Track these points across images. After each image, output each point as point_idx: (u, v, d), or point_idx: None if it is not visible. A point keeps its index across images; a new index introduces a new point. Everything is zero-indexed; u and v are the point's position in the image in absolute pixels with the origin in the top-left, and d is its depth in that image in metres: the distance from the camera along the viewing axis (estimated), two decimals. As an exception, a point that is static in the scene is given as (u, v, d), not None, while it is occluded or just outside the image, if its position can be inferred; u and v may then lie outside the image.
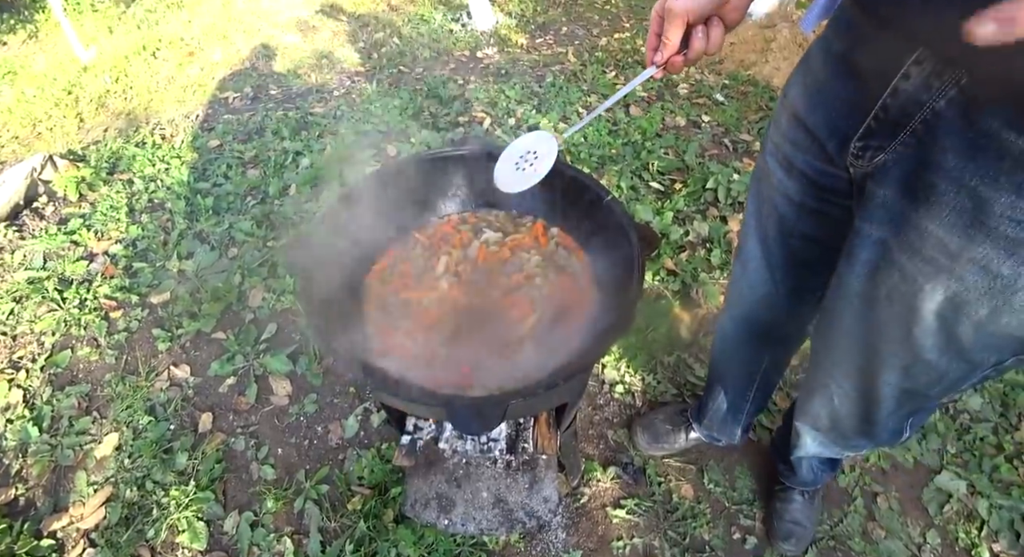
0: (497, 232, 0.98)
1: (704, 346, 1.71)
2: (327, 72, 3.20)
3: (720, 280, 1.90)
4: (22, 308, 1.94)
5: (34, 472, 1.54)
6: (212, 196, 2.28)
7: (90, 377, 1.74)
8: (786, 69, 3.18)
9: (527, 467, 1.05)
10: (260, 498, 1.44)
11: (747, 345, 1.11)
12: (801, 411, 0.98)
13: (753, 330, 1.07)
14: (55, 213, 2.34)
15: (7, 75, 3.60)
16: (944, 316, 0.60)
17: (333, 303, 0.80)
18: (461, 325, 0.83)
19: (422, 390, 0.70)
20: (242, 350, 1.73)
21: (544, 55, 3.27)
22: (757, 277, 0.94)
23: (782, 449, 1.27)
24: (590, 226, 0.91)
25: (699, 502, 1.41)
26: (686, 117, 2.72)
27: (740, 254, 0.98)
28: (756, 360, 1.13)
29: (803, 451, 1.08)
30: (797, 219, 0.80)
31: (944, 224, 0.54)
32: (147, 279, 1.97)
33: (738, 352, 1.15)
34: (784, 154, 0.76)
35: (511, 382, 0.74)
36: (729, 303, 1.10)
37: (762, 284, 0.94)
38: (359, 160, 2.41)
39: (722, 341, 1.17)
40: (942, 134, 0.52)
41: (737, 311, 1.06)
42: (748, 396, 1.22)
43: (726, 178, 2.21)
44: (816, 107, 0.69)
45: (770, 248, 0.88)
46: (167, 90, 3.16)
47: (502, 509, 1.02)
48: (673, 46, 0.66)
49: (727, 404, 1.25)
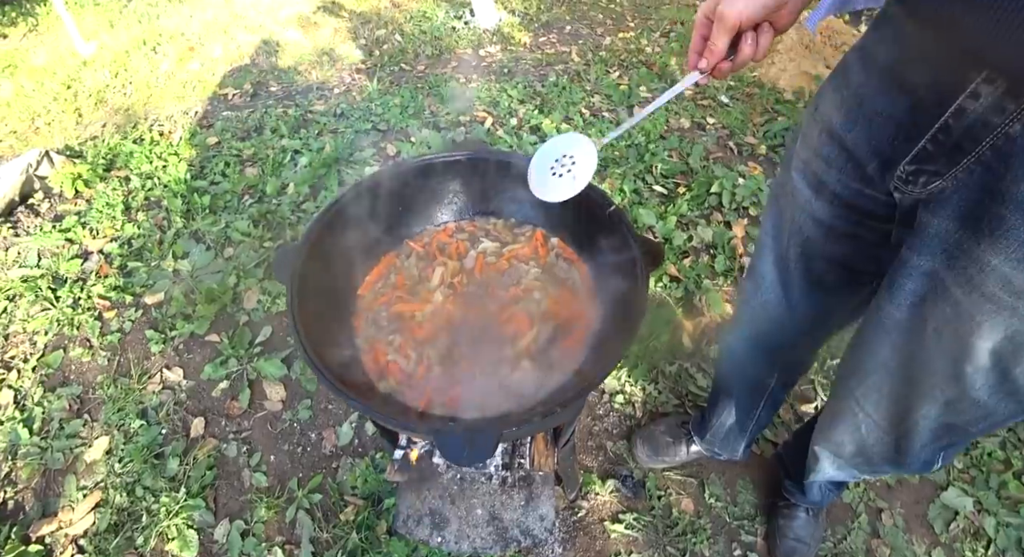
0: (495, 242, 0.95)
1: (707, 355, 1.67)
2: (328, 69, 3.16)
3: (724, 287, 1.87)
4: (15, 306, 1.91)
5: (24, 475, 1.52)
6: (209, 194, 2.25)
7: (82, 379, 1.71)
8: (792, 71, 3.14)
9: (523, 484, 1.02)
10: (252, 506, 1.41)
11: (756, 364, 1.08)
12: (822, 436, 0.93)
13: (763, 350, 1.03)
14: (50, 210, 2.31)
15: (7, 69, 3.57)
16: (1000, 355, 0.56)
17: (323, 316, 0.76)
18: (455, 341, 0.80)
19: (408, 414, 0.67)
20: (236, 353, 1.70)
21: (547, 54, 3.22)
22: (771, 298, 0.90)
23: (791, 468, 1.23)
24: (592, 237, 0.87)
25: (699, 517, 1.38)
26: (691, 119, 2.68)
27: (753, 273, 0.94)
28: (764, 379, 1.10)
29: (820, 475, 1.03)
30: (824, 241, 0.75)
31: (1011, 260, 0.49)
32: (142, 279, 1.94)
33: (746, 370, 1.11)
34: (814, 172, 0.71)
35: (506, 402, 0.71)
36: (738, 321, 1.06)
37: (776, 306, 0.90)
38: (358, 160, 2.38)
39: (730, 359, 1.14)
40: (1016, 162, 0.47)
41: (747, 331, 1.03)
42: (754, 414, 1.19)
43: (731, 182, 2.18)
44: (855, 124, 0.63)
45: (789, 270, 0.83)
46: (166, 86, 3.13)
47: (497, 527, 0.99)
48: (720, 52, 0.63)
49: (732, 421, 1.22)
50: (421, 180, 0.94)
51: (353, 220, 0.86)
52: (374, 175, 0.89)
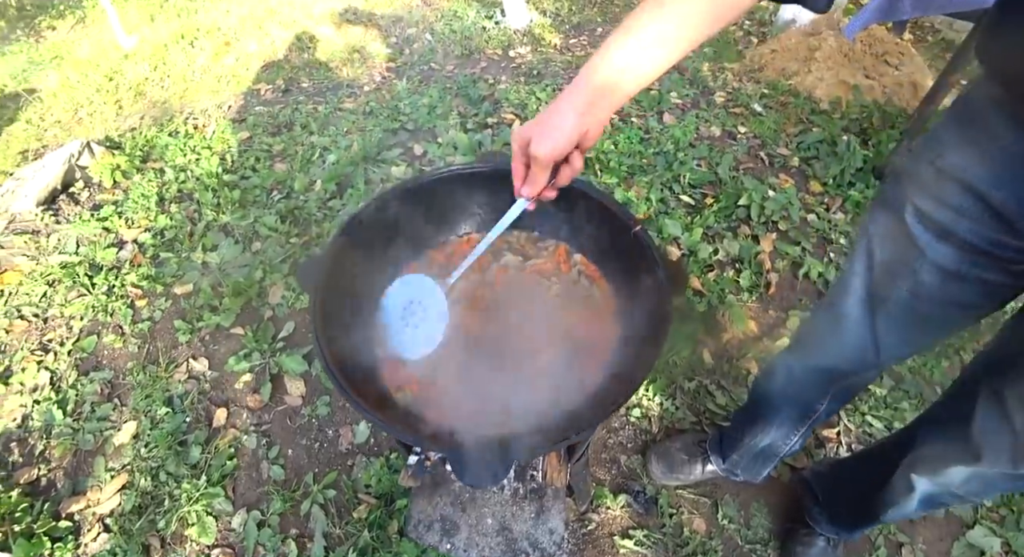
0: (517, 255, 0.95)
1: (728, 373, 1.65)
2: (358, 67, 3.19)
3: (748, 303, 1.84)
4: (54, 291, 1.99)
5: (56, 454, 1.58)
6: (239, 189, 2.30)
7: (113, 364, 1.78)
8: (830, 80, 3.05)
9: (534, 496, 1.02)
10: (268, 498, 1.45)
11: (811, 389, 1.05)
12: (925, 465, 0.91)
13: (825, 378, 1.01)
14: (90, 199, 2.39)
15: (54, 59, 3.71)
16: None
17: (345, 325, 0.78)
18: (473, 356, 0.80)
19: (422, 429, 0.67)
20: (259, 347, 1.74)
21: (577, 57, 3.20)
22: (852, 337, 0.87)
23: (822, 495, 1.21)
24: (615, 255, 0.86)
25: (711, 538, 1.36)
26: (721, 127, 2.63)
27: (831, 309, 0.91)
28: (815, 404, 1.07)
29: (907, 508, 0.99)
30: (942, 285, 0.72)
31: None
32: (172, 269, 2.00)
33: (800, 394, 1.08)
34: (938, 221, 0.68)
35: (521, 421, 0.71)
36: (802, 349, 1.03)
37: (857, 343, 0.87)
38: (385, 159, 2.40)
39: (784, 381, 1.09)
40: None
41: (814, 362, 1.00)
42: (792, 439, 1.16)
43: (760, 195, 2.13)
44: (1007, 182, 0.60)
45: (888, 311, 0.80)
46: (202, 80, 3.21)
47: (506, 538, 0.99)
48: (543, 183, 0.69)
49: (765, 443, 1.19)
50: (445, 190, 0.94)
51: (376, 231, 0.87)
52: (398, 185, 0.89)
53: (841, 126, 2.65)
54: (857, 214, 2.22)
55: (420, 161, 2.43)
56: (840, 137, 2.54)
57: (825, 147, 2.51)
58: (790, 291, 1.93)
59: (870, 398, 1.62)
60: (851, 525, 1.20)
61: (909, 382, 1.70)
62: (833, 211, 2.23)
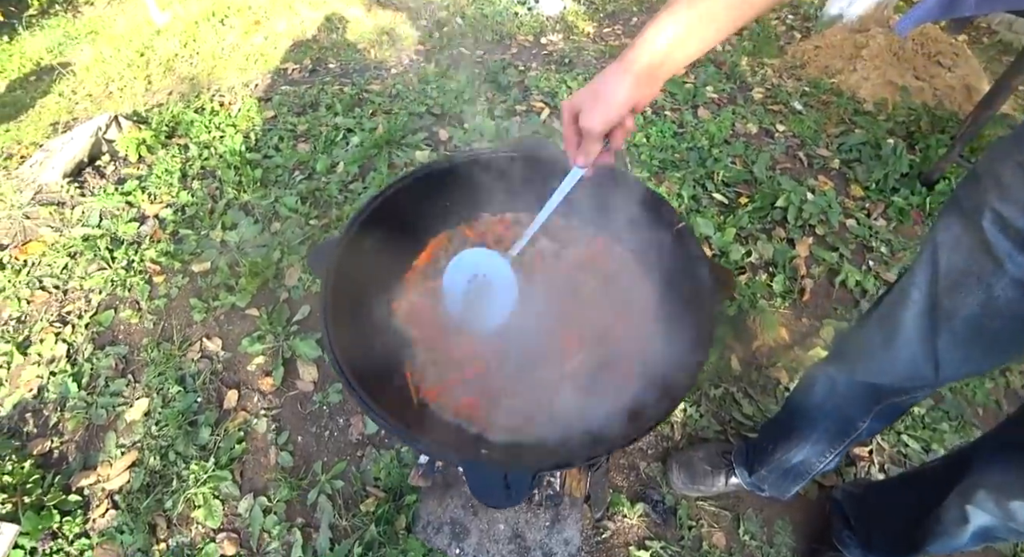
0: (555, 242, 0.88)
1: (756, 382, 1.57)
2: (387, 49, 3.14)
3: (781, 309, 1.75)
4: (75, 264, 1.99)
5: (69, 427, 1.58)
6: (261, 168, 2.27)
7: (129, 339, 1.77)
8: (876, 79, 2.90)
9: (550, 503, 0.97)
10: (275, 484, 1.42)
11: (857, 406, 0.97)
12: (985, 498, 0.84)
13: (873, 395, 0.93)
14: (115, 173, 2.39)
15: (89, 34, 3.74)
16: None
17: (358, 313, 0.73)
18: (500, 354, 0.74)
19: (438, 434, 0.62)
20: (273, 330, 1.71)
21: (611, 46, 3.10)
22: (907, 352, 0.80)
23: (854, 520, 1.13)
24: (658, 253, 0.79)
25: (731, 554, 1.29)
26: (759, 124, 2.52)
27: (885, 320, 0.84)
28: (857, 422, 0.99)
29: (958, 541, 0.92)
30: (1020, 300, 0.66)
31: None
32: (191, 247, 1.98)
33: (841, 410, 1.00)
34: (1022, 229, 0.62)
35: (546, 429, 0.65)
36: (848, 362, 0.95)
37: (912, 359, 0.80)
38: (410, 143, 2.35)
39: (824, 394, 1.02)
40: None
41: (861, 377, 0.92)
42: (827, 457, 1.08)
43: (799, 197, 2.03)
44: None
45: (952, 327, 0.74)
46: (230, 57, 3.19)
47: (519, 545, 0.94)
48: (596, 152, 0.68)
49: (798, 460, 1.11)
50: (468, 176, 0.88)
51: (396, 215, 0.82)
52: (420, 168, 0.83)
53: (886, 129, 2.52)
54: (900, 222, 2.10)
55: (445, 146, 2.38)
56: (885, 140, 2.42)
57: (868, 150, 2.39)
58: (825, 299, 1.83)
59: (907, 417, 1.53)
60: (888, 554, 1.12)
61: (949, 402, 1.60)
62: (874, 217, 2.12)
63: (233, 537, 1.36)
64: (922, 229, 2.11)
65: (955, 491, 0.90)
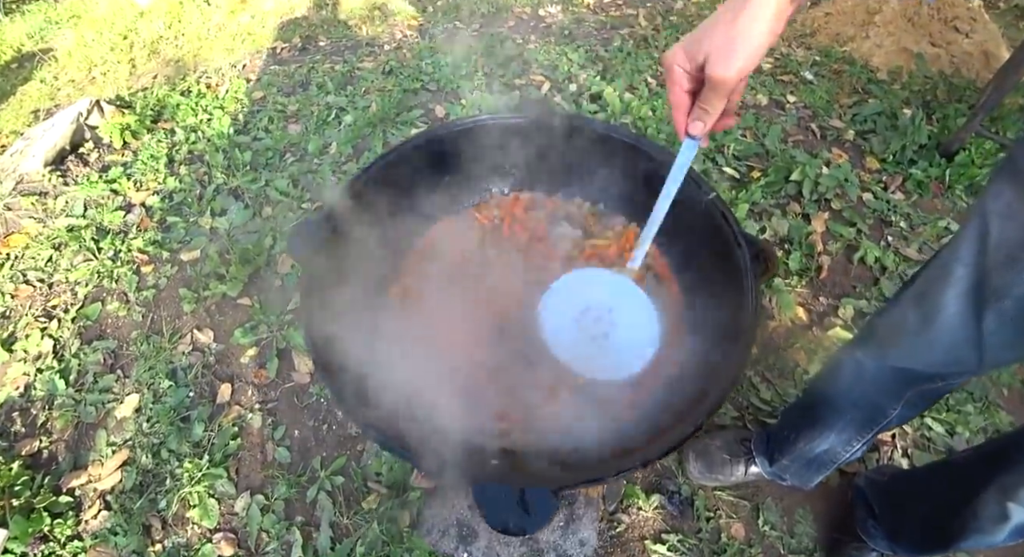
0: (577, 229, 0.79)
1: (773, 365, 1.50)
2: (379, 24, 3.01)
3: (797, 288, 1.67)
4: (60, 256, 1.91)
5: (58, 425, 1.52)
6: (251, 150, 2.18)
7: (117, 333, 1.69)
8: (890, 46, 2.77)
9: (565, 503, 0.90)
10: (273, 482, 1.36)
11: (887, 393, 0.89)
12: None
13: (906, 382, 0.85)
14: (99, 160, 2.30)
15: (71, 18, 3.60)
16: None
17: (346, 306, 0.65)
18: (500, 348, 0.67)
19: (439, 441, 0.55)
20: (267, 320, 1.64)
21: (612, 17, 2.97)
22: (947, 336, 0.73)
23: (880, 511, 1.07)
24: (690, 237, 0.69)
25: (751, 545, 1.23)
26: (768, 95, 2.41)
27: (922, 301, 0.76)
28: (887, 409, 0.92)
29: (995, 538, 0.86)
30: None
31: None
32: (179, 235, 1.90)
33: (869, 398, 0.93)
34: None
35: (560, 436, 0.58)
36: (878, 346, 0.88)
37: (953, 343, 0.73)
38: (405, 120, 2.25)
39: (851, 381, 0.94)
40: None
41: (892, 362, 0.85)
42: (854, 446, 1.01)
43: (813, 171, 1.93)
44: None
45: (1002, 307, 0.66)
46: (217, 38, 3.06)
47: (531, 548, 0.88)
48: (718, 113, 0.58)
49: (822, 449, 1.04)
50: (470, 145, 0.79)
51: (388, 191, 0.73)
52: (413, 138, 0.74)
53: (901, 98, 2.41)
54: (920, 195, 2.01)
55: (442, 123, 2.27)
56: (901, 110, 2.31)
57: (884, 120, 2.28)
58: (843, 276, 1.75)
59: (933, 398, 1.46)
60: (917, 547, 1.05)
61: (974, 383, 1.54)
62: (892, 190, 2.02)
63: (230, 537, 1.30)
64: (941, 202, 2.02)
65: (994, 486, 0.83)
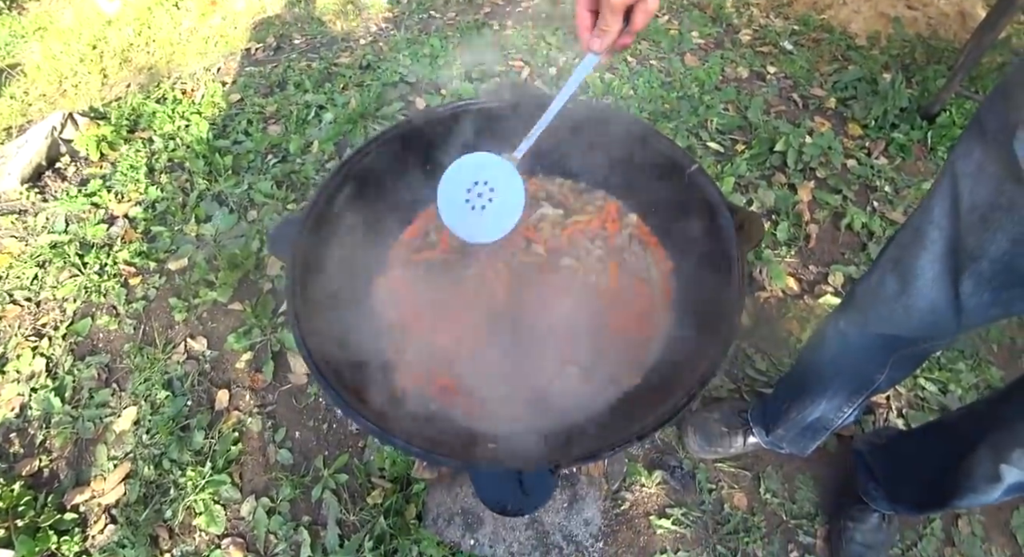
0: (558, 208, 0.79)
1: (767, 336, 1.51)
2: (353, 19, 2.97)
3: (787, 258, 1.67)
4: (45, 273, 1.89)
5: (57, 443, 1.51)
6: (231, 154, 2.15)
7: (109, 347, 1.68)
8: (867, 12, 2.77)
9: (566, 483, 0.91)
10: (277, 484, 1.36)
11: (871, 360, 0.91)
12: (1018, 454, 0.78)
13: (889, 347, 0.86)
14: (77, 174, 2.26)
15: (37, 31, 3.51)
16: None
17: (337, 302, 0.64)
18: (492, 333, 0.67)
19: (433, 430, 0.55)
20: (259, 323, 1.63)
21: (588, -2, 2.94)
22: (925, 301, 0.74)
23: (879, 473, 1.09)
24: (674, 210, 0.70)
25: (753, 514, 1.25)
26: (749, 68, 2.40)
27: (898, 266, 0.77)
28: (873, 375, 0.93)
29: (989, 496, 0.87)
30: None
31: None
32: (165, 244, 1.88)
33: (856, 365, 0.94)
34: None
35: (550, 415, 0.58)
36: (859, 314, 0.88)
37: (931, 307, 0.74)
38: (386, 114, 2.23)
39: (836, 350, 0.96)
40: None
41: (874, 328, 0.86)
42: (845, 412, 1.03)
43: (797, 140, 1.93)
44: None
45: (979, 268, 0.67)
46: (189, 42, 3.01)
47: (536, 530, 0.89)
48: (615, 32, 0.62)
49: (815, 417, 1.06)
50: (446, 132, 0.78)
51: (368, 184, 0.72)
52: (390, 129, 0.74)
53: (881, 63, 2.41)
54: (903, 159, 2.02)
55: (419, 112, 2.25)
56: (881, 75, 2.31)
57: (864, 86, 2.28)
58: (831, 244, 1.76)
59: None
60: (916, 507, 1.07)
61: (964, 340, 1.55)
62: (875, 156, 2.03)
63: (239, 541, 1.31)
64: (924, 165, 2.02)
65: (986, 446, 0.84)
